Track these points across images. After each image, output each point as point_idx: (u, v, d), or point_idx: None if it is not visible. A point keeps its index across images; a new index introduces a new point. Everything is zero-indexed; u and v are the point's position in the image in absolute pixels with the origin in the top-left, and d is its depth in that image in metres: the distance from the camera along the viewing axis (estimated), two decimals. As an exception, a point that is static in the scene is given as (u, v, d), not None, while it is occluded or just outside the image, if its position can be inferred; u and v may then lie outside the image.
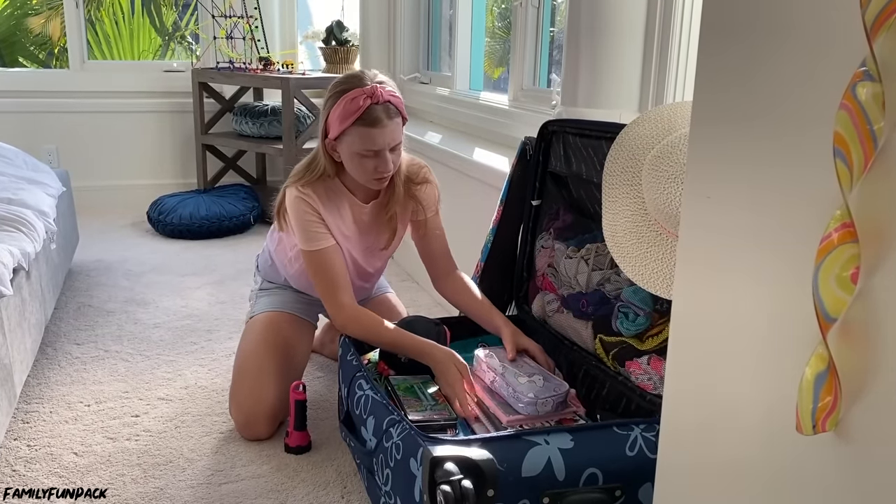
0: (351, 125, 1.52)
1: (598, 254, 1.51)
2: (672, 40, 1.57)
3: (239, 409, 1.66)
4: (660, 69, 1.60)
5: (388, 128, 1.54)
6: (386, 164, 1.57)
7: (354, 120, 1.51)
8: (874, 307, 0.54)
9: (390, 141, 1.55)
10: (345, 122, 1.52)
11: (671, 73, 1.59)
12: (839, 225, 0.54)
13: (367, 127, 1.52)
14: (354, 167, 1.59)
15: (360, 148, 1.54)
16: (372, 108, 1.51)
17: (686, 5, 1.55)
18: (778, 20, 0.62)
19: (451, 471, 1.02)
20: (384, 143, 1.54)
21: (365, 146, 1.54)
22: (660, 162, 1.21)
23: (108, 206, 3.77)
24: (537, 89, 2.36)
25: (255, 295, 1.90)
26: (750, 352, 0.67)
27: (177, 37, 5.74)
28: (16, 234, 1.85)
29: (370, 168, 1.57)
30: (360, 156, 1.55)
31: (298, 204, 1.61)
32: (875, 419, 0.54)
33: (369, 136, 1.52)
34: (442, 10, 3.26)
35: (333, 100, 1.55)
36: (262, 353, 1.70)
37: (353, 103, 1.51)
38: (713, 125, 0.70)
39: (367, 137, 1.53)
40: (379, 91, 1.53)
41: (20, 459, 1.56)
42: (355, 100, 1.51)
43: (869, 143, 0.52)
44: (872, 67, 0.51)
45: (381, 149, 1.55)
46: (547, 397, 1.37)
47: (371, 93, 1.52)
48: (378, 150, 1.55)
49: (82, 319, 2.33)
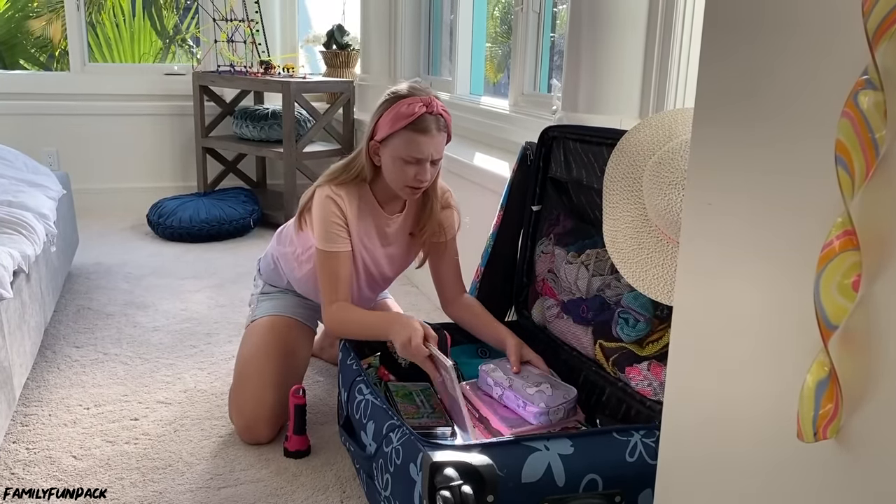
0: (401, 129, 1.56)
1: (599, 259, 1.51)
2: (673, 47, 1.57)
3: (240, 413, 1.66)
4: (660, 75, 1.60)
5: (436, 139, 1.58)
6: (425, 174, 1.60)
7: (406, 124, 1.55)
8: (876, 315, 0.54)
9: (434, 153, 1.59)
10: (396, 124, 1.56)
11: (672, 79, 1.59)
12: (841, 232, 0.54)
13: (416, 133, 1.55)
14: (394, 172, 1.61)
15: (405, 153, 1.57)
16: (425, 116, 1.56)
17: (687, 11, 1.56)
18: (780, 29, 0.62)
19: (450, 476, 1.02)
20: (429, 152, 1.58)
21: (410, 152, 1.57)
22: (661, 168, 1.21)
23: (107, 208, 3.77)
24: (538, 94, 2.36)
25: (257, 299, 1.90)
26: (751, 358, 0.67)
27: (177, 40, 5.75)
28: (16, 236, 1.85)
29: (410, 175, 1.59)
30: (403, 161, 1.58)
31: (327, 203, 1.63)
32: (876, 427, 0.54)
33: (416, 142, 1.56)
34: (443, 15, 3.27)
35: (389, 103, 1.59)
36: (262, 357, 1.70)
37: (409, 108, 1.55)
38: (715, 131, 0.70)
39: (414, 144, 1.56)
40: (435, 102, 1.58)
41: (19, 462, 1.55)
42: (411, 105, 1.55)
43: (870, 151, 0.52)
44: (874, 76, 0.51)
45: (424, 157, 1.58)
46: (558, 405, 1.36)
47: (428, 102, 1.57)
48: (421, 159, 1.58)
49: (82, 322, 2.33)
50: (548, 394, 1.39)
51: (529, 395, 1.39)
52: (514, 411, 1.42)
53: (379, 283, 1.83)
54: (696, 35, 1.56)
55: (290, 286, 1.88)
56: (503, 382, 1.45)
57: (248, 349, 1.74)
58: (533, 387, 1.41)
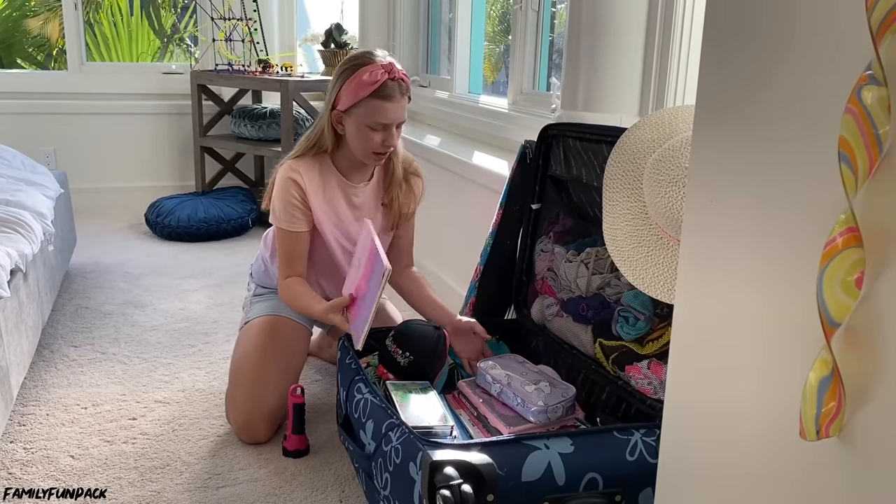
0: (365, 97, 1.57)
1: (598, 258, 1.50)
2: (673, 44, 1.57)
3: (237, 413, 1.65)
4: (660, 73, 1.60)
5: (400, 104, 1.60)
6: (392, 138, 1.62)
7: (371, 92, 1.56)
8: (879, 312, 0.54)
9: (398, 117, 1.61)
10: (360, 93, 1.57)
11: (672, 76, 1.58)
12: (844, 229, 0.54)
13: (381, 100, 1.57)
14: (360, 140, 1.63)
15: (371, 121, 1.59)
16: (388, 82, 1.57)
17: (687, 8, 1.55)
18: (782, 24, 0.61)
19: (450, 475, 1.02)
20: (394, 117, 1.60)
21: (376, 119, 1.59)
22: (661, 166, 1.21)
23: (105, 208, 3.76)
24: (537, 93, 2.36)
25: (250, 302, 1.91)
26: (753, 356, 0.66)
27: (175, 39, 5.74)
28: (13, 235, 1.84)
29: (377, 142, 1.62)
30: (368, 128, 1.60)
31: (286, 184, 1.66)
32: (879, 425, 0.54)
33: (382, 109, 1.58)
34: (441, 13, 3.27)
35: (349, 72, 1.59)
36: (258, 355, 1.70)
37: (371, 76, 1.56)
38: (716, 128, 0.70)
39: (380, 111, 1.58)
40: (395, 67, 1.59)
41: (16, 462, 1.55)
42: (373, 73, 1.56)
43: (874, 148, 0.52)
44: (878, 71, 0.51)
45: (390, 123, 1.60)
46: (557, 403, 1.36)
47: (389, 68, 1.58)
48: (387, 125, 1.60)
49: (79, 322, 2.32)
50: (546, 392, 1.39)
51: (528, 392, 1.39)
52: (512, 409, 1.42)
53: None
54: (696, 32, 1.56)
55: None
56: (502, 379, 1.45)
57: (243, 348, 1.73)
58: (532, 384, 1.41)
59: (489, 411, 1.42)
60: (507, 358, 1.57)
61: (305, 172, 1.67)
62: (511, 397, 1.41)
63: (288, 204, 1.66)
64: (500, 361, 1.53)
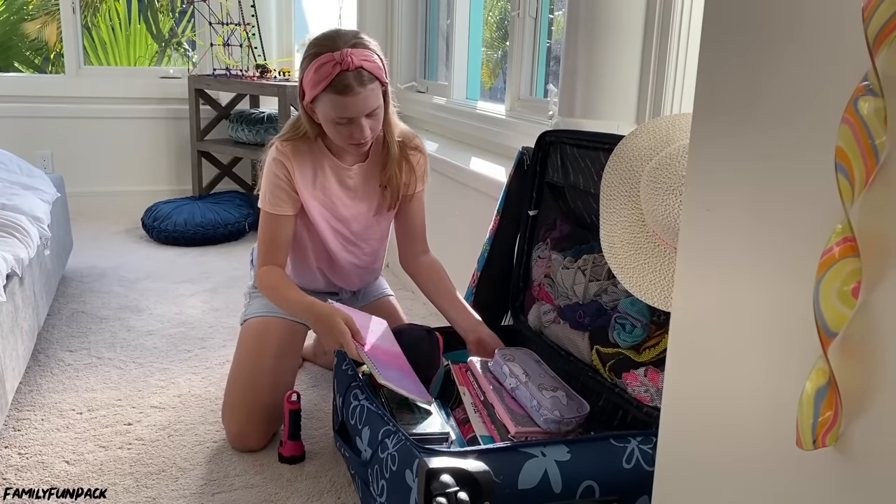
0: (321, 91, 1.49)
1: (596, 265, 1.50)
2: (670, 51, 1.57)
3: (230, 422, 1.64)
4: (657, 80, 1.61)
5: (361, 95, 1.48)
6: (362, 132, 1.53)
7: (325, 87, 1.48)
8: (876, 322, 0.54)
9: (363, 108, 1.50)
10: (315, 88, 1.49)
11: (668, 84, 1.59)
12: (840, 239, 0.54)
13: (337, 95, 1.48)
14: (331, 132, 1.57)
15: (333, 115, 1.51)
16: (342, 75, 1.46)
17: (684, 16, 1.56)
18: (779, 34, 0.62)
19: (447, 483, 1.01)
20: (357, 110, 1.50)
21: (337, 113, 1.51)
22: (658, 173, 1.21)
23: (102, 212, 3.76)
24: (534, 99, 2.36)
25: (250, 295, 1.86)
26: (749, 365, 0.67)
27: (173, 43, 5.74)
28: (9, 239, 1.84)
29: (346, 134, 1.55)
30: (334, 122, 1.53)
31: (273, 166, 1.62)
32: (876, 434, 0.54)
33: (341, 103, 1.49)
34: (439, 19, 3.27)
35: (307, 62, 1.52)
36: (254, 364, 1.68)
37: (322, 70, 1.47)
38: (713, 137, 0.70)
39: (339, 105, 1.49)
40: (349, 57, 1.46)
41: (11, 468, 1.54)
42: (324, 66, 1.47)
43: (871, 158, 0.52)
44: (874, 82, 0.51)
45: (354, 116, 1.51)
46: (571, 417, 1.33)
47: (341, 59, 1.46)
48: (352, 118, 1.51)
49: (75, 326, 2.32)
50: (563, 403, 1.36)
51: (545, 399, 1.36)
52: (523, 408, 1.39)
53: (356, 243, 1.77)
54: (692, 40, 1.56)
55: None
56: (520, 376, 1.41)
57: (238, 355, 1.72)
58: (550, 391, 1.38)
59: (497, 401, 1.39)
60: (523, 352, 1.53)
61: (294, 155, 1.61)
62: (526, 397, 1.37)
63: (273, 185, 1.62)
64: (517, 354, 1.48)
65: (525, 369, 1.44)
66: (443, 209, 2.40)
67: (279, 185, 1.62)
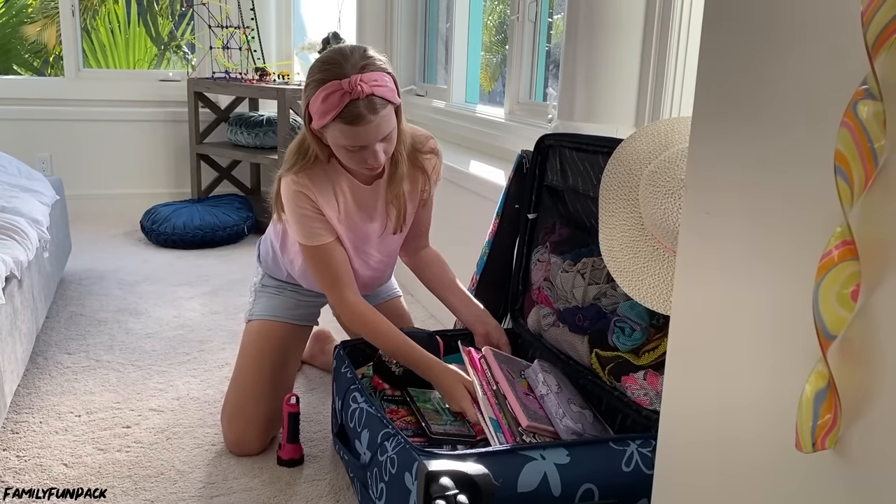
0: (331, 121, 1.40)
1: (595, 268, 1.51)
2: (669, 55, 1.58)
3: (229, 427, 1.64)
4: (656, 84, 1.61)
5: (374, 123, 1.40)
6: (376, 157, 1.46)
7: (333, 117, 1.39)
8: (874, 325, 0.54)
9: (376, 136, 1.43)
10: (324, 117, 1.41)
11: (668, 88, 1.59)
12: (839, 242, 0.54)
13: (347, 125, 1.39)
14: (343, 158, 1.49)
15: (345, 143, 1.44)
16: (352, 104, 1.37)
17: (683, 20, 1.56)
18: (779, 39, 0.62)
19: (446, 486, 1.01)
20: (369, 138, 1.42)
21: (349, 142, 1.43)
22: (657, 177, 1.21)
23: (101, 214, 3.75)
24: (533, 103, 2.37)
25: (256, 291, 1.82)
26: (749, 368, 0.67)
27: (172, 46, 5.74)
28: (9, 242, 1.83)
29: (358, 160, 1.47)
30: (346, 149, 1.45)
31: (295, 198, 1.52)
32: (875, 437, 0.54)
33: (352, 133, 1.41)
34: (438, 23, 3.28)
35: (313, 88, 1.42)
36: (255, 371, 1.67)
37: (330, 100, 1.38)
38: (713, 140, 0.70)
39: (350, 134, 1.41)
40: (359, 86, 1.37)
41: (9, 470, 1.54)
42: (332, 95, 1.38)
43: (870, 161, 0.52)
44: (874, 86, 0.51)
45: (366, 144, 1.43)
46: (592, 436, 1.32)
47: (350, 88, 1.37)
48: (364, 146, 1.44)
49: (74, 329, 2.31)
50: (589, 420, 1.36)
51: (573, 410, 1.35)
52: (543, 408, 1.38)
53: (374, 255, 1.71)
54: (692, 43, 1.57)
55: (290, 278, 1.79)
56: (552, 386, 1.40)
57: (240, 360, 1.71)
58: (578, 407, 1.38)
59: (510, 393, 1.37)
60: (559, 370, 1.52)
61: (313, 183, 1.53)
62: (553, 404, 1.36)
63: (303, 218, 1.53)
64: (553, 370, 1.48)
65: (559, 384, 1.43)
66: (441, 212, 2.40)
67: (308, 215, 1.54)
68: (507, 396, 1.37)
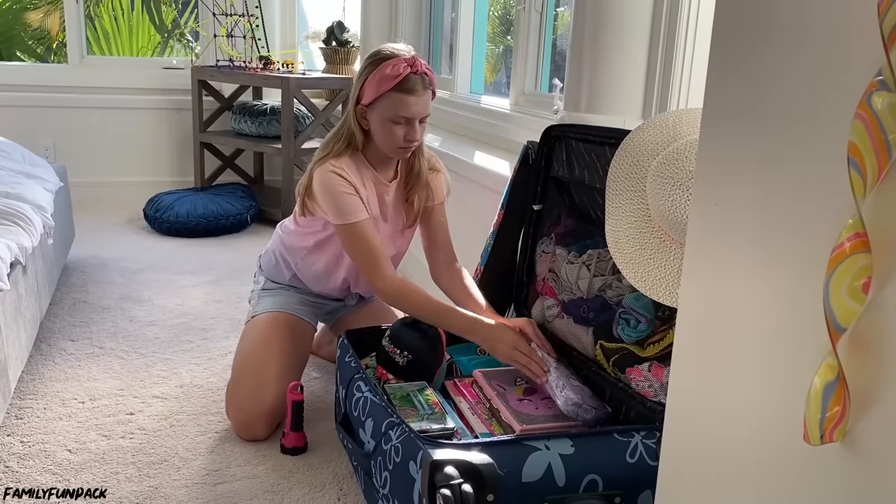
0: (388, 91, 1.56)
1: (600, 259, 1.50)
2: (677, 46, 1.57)
3: (238, 410, 1.65)
4: (664, 75, 1.60)
5: (423, 97, 1.59)
6: (415, 133, 1.61)
7: (393, 86, 1.56)
8: (885, 318, 0.54)
9: (422, 111, 1.60)
10: (382, 87, 1.56)
11: (675, 79, 1.59)
12: (852, 234, 0.54)
13: (403, 94, 1.57)
14: (384, 134, 1.62)
15: (393, 114, 1.58)
16: (410, 76, 1.57)
17: (692, 11, 1.55)
18: (792, 28, 0.62)
19: (450, 475, 1.02)
20: (417, 111, 1.59)
21: (398, 112, 1.58)
22: (665, 168, 1.21)
23: (104, 202, 3.75)
24: (539, 94, 2.36)
25: (258, 295, 1.88)
26: (757, 360, 0.67)
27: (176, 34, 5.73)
28: (13, 228, 1.84)
29: (400, 135, 1.60)
30: (392, 122, 1.59)
31: (332, 178, 1.61)
32: (884, 430, 0.54)
33: (404, 102, 1.57)
34: (443, 13, 3.27)
35: (373, 66, 1.59)
36: (263, 353, 1.69)
37: (394, 69, 1.56)
38: (724, 132, 0.70)
39: (402, 104, 1.57)
40: (418, 61, 1.59)
41: (13, 455, 1.55)
42: (395, 66, 1.56)
43: (883, 153, 0.52)
44: (889, 77, 0.51)
45: (413, 117, 1.59)
46: (590, 406, 1.36)
47: (412, 62, 1.58)
48: (410, 118, 1.59)
49: (77, 316, 2.32)
50: (588, 394, 1.39)
51: (573, 384, 1.39)
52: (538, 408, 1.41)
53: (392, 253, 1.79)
54: (700, 34, 1.56)
55: (292, 282, 1.86)
56: (552, 363, 1.45)
57: (248, 345, 1.73)
58: (577, 382, 1.42)
59: (503, 405, 1.41)
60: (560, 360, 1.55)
61: (347, 167, 1.63)
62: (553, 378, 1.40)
63: (341, 195, 1.60)
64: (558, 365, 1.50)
65: (557, 364, 1.46)
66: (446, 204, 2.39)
67: (347, 192, 1.61)
68: (500, 410, 1.41)
